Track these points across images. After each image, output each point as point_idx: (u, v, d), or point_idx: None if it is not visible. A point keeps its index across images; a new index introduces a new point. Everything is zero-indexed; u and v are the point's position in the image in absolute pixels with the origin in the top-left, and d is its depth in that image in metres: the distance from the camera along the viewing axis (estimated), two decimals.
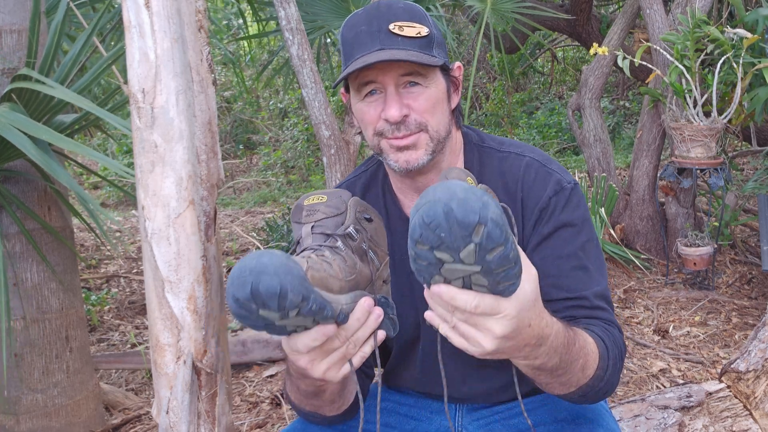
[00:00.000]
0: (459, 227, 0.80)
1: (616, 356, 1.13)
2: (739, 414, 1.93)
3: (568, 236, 1.21)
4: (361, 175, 1.38)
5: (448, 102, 1.22)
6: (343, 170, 3.09)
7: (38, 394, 2.39)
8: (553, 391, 1.09)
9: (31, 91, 2.09)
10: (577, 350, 1.04)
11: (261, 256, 0.87)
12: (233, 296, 0.87)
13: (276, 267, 0.86)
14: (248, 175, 7.99)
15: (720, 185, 3.45)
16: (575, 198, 1.23)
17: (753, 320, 3.25)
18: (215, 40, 5.29)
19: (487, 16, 3.76)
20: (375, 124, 1.18)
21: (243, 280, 0.86)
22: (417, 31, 1.15)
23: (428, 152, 1.18)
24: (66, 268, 2.43)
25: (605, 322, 1.17)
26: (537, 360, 0.99)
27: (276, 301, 0.86)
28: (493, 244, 0.81)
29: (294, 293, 0.86)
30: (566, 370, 1.04)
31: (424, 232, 0.82)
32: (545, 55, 8.88)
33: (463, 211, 0.79)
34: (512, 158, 1.27)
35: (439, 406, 1.41)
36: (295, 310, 0.88)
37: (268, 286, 0.85)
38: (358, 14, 1.19)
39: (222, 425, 1.35)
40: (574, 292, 1.18)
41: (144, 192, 1.23)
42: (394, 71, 1.14)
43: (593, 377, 1.08)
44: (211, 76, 1.36)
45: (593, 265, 1.22)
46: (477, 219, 0.79)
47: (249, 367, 3.12)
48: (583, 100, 4.29)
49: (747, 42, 3.16)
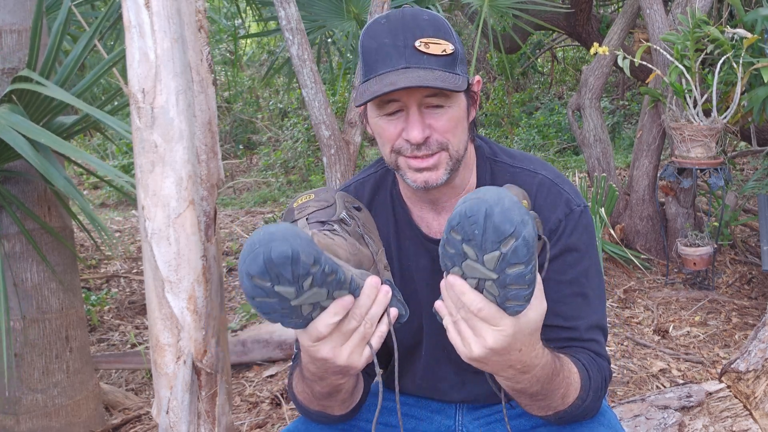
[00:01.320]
0: (493, 231, 0.85)
1: (599, 385, 1.16)
2: (739, 414, 1.93)
3: (572, 261, 1.21)
4: (369, 177, 1.36)
5: (467, 120, 1.21)
6: (343, 170, 3.08)
7: (38, 394, 2.39)
8: (531, 411, 1.14)
9: (31, 92, 2.10)
10: (559, 381, 1.08)
11: (267, 228, 0.90)
12: (246, 273, 0.88)
13: (284, 233, 0.88)
14: (248, 175, 7.99)
15: (720, 185, 3.45)
16: (584, 221, 1.23)
17: (753, 320, 3.25)
18: (216, 39, 5.30)
19: (486, 13, 3.76)
20: (394, 142, 1.16)
21: (254, 254, 0.87)
22: (443, 49, 1.12)
23: (447, 171, 1.17)
24: (66, 268, 2.43)
25: (595, 353, 1.19)
26: (519, 384, 1.04)
27: (289, 268, 0.87)
28: (517, 260, 0.86)
29: (306, 254, 0.87)
30: (546, 397, 1.08)
31: (462, 222, 0.87)
32: (545, 55, 8.88)
33: (502, 218, 0.85)
34: (525, 175, 1.26)
35: (439, 406, 1.41)
36: (308, 278, 0.89)
37: (280, 252, 0.86)
38: (381, 23, 1.15)
39: (222, 425, 1.35)
40: (570, 320, 1.19)
41: (144, 192, 1.23)
42: (419, 92, 1.11)
43: (572, 405, 1.12)
44: (211, 76, 1.36)
45: (594, 291, 1.22)
46: (512, 231, 0.85)
47: (249, 367, 3.12)
48: (583, 100, 4.29)
49: (747, 42, 3.16)
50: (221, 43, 8.14)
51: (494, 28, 4.37)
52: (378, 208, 1.31)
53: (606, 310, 1.25)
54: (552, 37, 7.94)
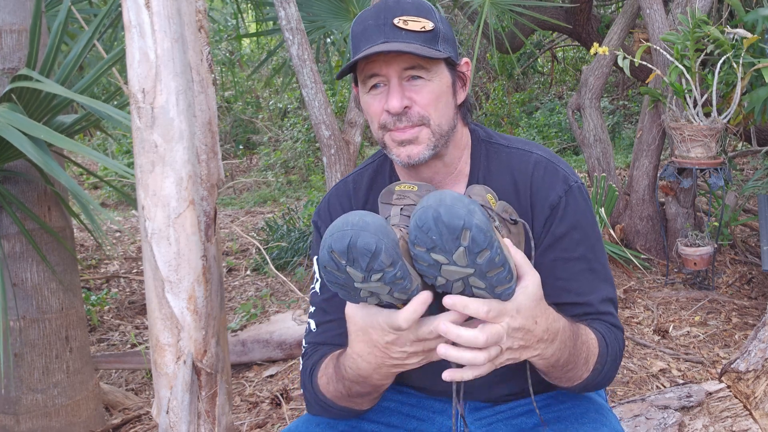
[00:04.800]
0: (447, 231, 0.90)
1: (616, 353, 1.20)
2: (739, 414, 1.93)
3: (578, 238, 1.23)
4: (367, 167, 1.39)
5: (453, 96, 1.24)
6: (343, 170, 3.08)
7: (38, 394, 2.39)
8: (560, 384, 1.18)
9: (31, 92, 2.10)
10: (580, 344, 1.12)
11: (365, 216, 0.93)
12: (329, 246, 0.93)
13: (377, 227, 0.92)
14: (248, 175, 7.99)
15: (720, 185, 3.45)
16: (583, 196, 1.27)
17: (753, 320, 3.25)
18: (216, 39, 5.30)
19: (486, 11, 3.75)
20: (379, 116, 1.21)
21: (343, 233, 0.92)
22: (422, 26, 1.16)
23: (430, 147, 1.20)
24: (66, 268, 2.43)
25: (610, 325, 1.23)
26: (552, 356, 1.07)
27: (367, 259, 0.92)
28: (479, 248, 0.91)
29: (386, 255, 0.92)
30: (574, 364, 1.12)
31: (419, 235, 0.92)
32: (545, 55, 8.88)
33: (450, 216, 0.89)
34: (520, 154, 1.29)
35: (441, 407, 1.41)
36: (379, 273, 0.94)
37: (366, 243, 0.91)
38: (368, 9, 1.22)
39: (222, 425, 1.35)
40: (583, 296, 1.22)
41: (144, 192, 1.23)
42: (397, 64, 1.16)
43: (593, 370, 1.16)
44: (211, 76, 1.36)
45: (601, 265, 1.26)
46: (462, 224, 0.89)
47: (249, 367, 3.12)
48: (583, 100, 4.29)
49: (747, 42, 3.16)
50: (221, 42, 8.14)
51: (495, 28, 4.37)
52: (376, 194, 1.34)
53: (613, 281, 1.31)
54: (552, 37, 7.94)
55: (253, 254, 4.84)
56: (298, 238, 4.57)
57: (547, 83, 8.99)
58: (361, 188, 1.36)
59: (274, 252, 4.50)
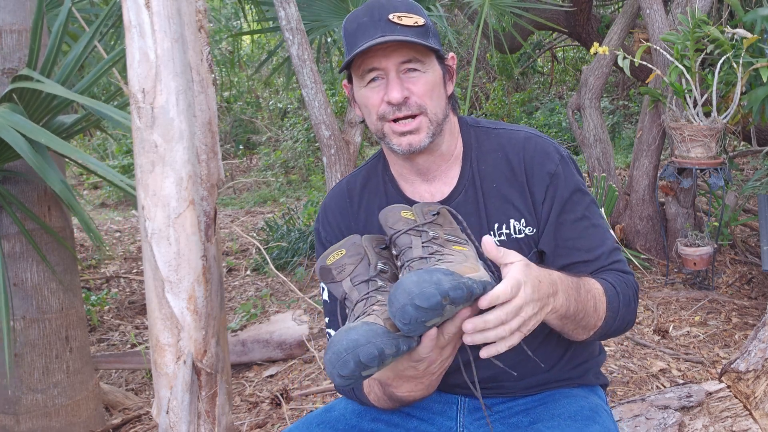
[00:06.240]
0: (432, 310, 0.99)
1: (628, 298, 1.30)
2: (739, 414, 1.93)
3: (578, 199, 1.34)
4: (360, 170, 1.46)
5: (444, 88, 1.32)
6: (342, 170, 3.09)
7: (38, 394, 2.39)
8: (579, 336, 1.27)
9: (31, 92, 2.09)
10: (585, 293, 1.21)
11: (348, 334, 1.02)
12: (339, 375, 1.03)
13: (366, 336, 1.02)
14: (248, 175, 7.99)
15: (720, 185, 3.45)
16: (573, 164, 1.38)
17: (753, 320, 3.25)
18: (216, 39, 5.30)
19: (486, 11, 3.75)
20: (378, 108, 1.27)
21: (344, 361, 1.01)
22: (414, 21, 1.25)
23: (429, 135, 1.28)
24: (66, 268, 2.43)
25: (621, 272, 1.33)
26: (561, 308, 1.15)
27: (376, 361, 1.02)
28: (462, 300, 1.01)
29: (389, 347, 1.03)
30: (585, 312, 1.21)
31: (411, 327, 1.01)
32: (545, 55, 8.88)
33: (427, 301, 0.98)
34: (509, 134, 1.39)
35: (440, 408, 1.42)
36: (389, 359, 1.05)
37: (368, 354, 1.01)
38: (359, 9, 1.29)
39: (222, 425, 1.35)
40: (592, 251, 1.32)
41: (144, 192, 1.23)
42: (395, 58, 1.24)
43: (606, 318, 1.25)
44: (211, 76, 1.36)
45: (601, 220, 1.37)
46: (439, 298, 0.98)
47: (249, 367, 3.12)
48: (583, 100, 4.29)
49: (747, 42, 3.16)
50: (221, 42, 8.15)
51: (495, 28, 4.37)
52: (370, 194, 1.41)
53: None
54: (552, 37, 7.94)
55: (253, 254, 4.84)
56: (298, 238, 4.57)
57: (547, 83, 8.99)
58: (356, 190, 1.43)
59: (274, 252, 4.50)
